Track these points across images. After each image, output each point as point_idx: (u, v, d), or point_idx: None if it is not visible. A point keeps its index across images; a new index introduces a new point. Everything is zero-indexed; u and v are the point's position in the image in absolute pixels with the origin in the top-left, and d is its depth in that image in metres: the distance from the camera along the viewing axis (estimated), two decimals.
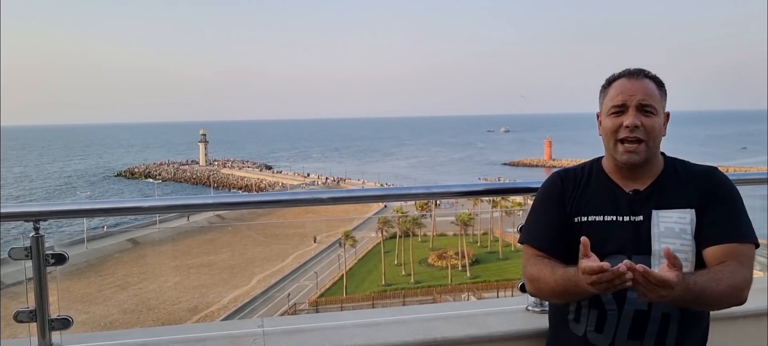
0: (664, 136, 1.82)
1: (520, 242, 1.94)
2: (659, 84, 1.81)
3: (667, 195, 1.77)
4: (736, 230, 1.73)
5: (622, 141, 1.75)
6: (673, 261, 1.45)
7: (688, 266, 1.68)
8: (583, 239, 1.53)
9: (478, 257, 45.69)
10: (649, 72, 1.82)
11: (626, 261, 1.45)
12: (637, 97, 1.74)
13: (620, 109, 1.76)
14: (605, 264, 1.46)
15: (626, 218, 1.76)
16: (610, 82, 1.84)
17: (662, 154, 1.88)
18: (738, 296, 1.65)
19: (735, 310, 2.42)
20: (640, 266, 1.43)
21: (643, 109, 1.74)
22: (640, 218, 1.75)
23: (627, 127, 1.73)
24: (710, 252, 1.71)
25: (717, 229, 1.72)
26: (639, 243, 1.73)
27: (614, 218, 1.77)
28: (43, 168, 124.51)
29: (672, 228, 1.72)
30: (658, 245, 1.71)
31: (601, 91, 1.89)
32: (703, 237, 1.73)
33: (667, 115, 1.84)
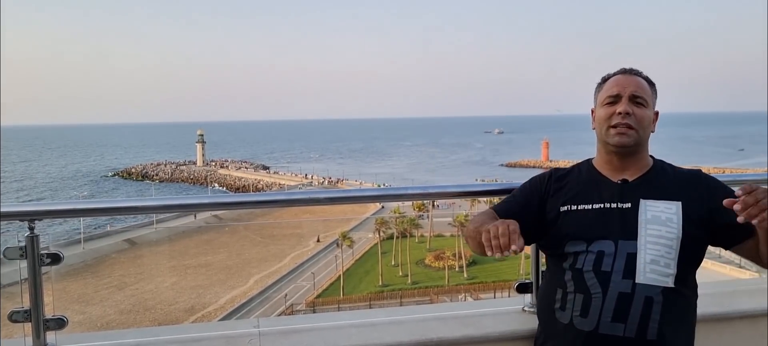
0: (652, 132, 1.94)
1: None
2: (651, 83, 1.96)
3: (654, 188, 1.86)
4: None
5: (615, 126, 1.87)
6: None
7: (672, 254, 1.75)
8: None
9: (475, 258, 45.69)
10: (641, 72, 1.97)
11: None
12: (630, 89, 1.89)
13: (614, 99, 1.90)
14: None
15: (614, 205, 1.84)
16: (605, 79, 2.00)
17: (651, 156, 1.97)
18: None
19: (731, 311, 2.44)
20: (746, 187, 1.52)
21: (635, 99, 1.88)
22: (628, 205, 1.83)
23: (619, 113, 1.86)
24: (751, 242, 1.76)
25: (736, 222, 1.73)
26: (626, 229, 1.80)
27: (602, 205, 1.85)
28: (44, 168, 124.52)
29: (658, 216, 1.79)
30: (644, 231, 1.78)
31: (596, 88, 2.02)
32: (736, 233, 1.77)
33: (657, 114, 1.96)
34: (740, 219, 1.53)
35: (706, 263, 1.90)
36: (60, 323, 2.08)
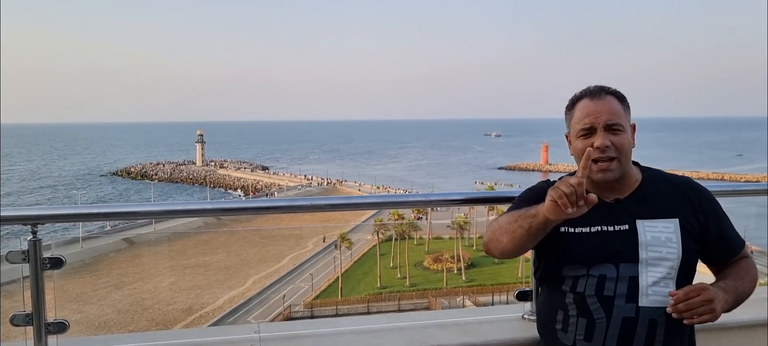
0: (633, 146, 1.87)
1: None
2: (621, 99, 1.86)
3: (649, 204, 1.83)
4: (738, 239, 1.90)
5: (596, 161, 1.79)
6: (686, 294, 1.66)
7: (672, 273, 1.75)
8: (589, 150, 1.69)
9: (474, 260, 45.67)
10: (609, 88, 1.87)
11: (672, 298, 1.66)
12: (603, 118, 1.79)
13: (588, 132, 1.81)
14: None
15: (612, 228, 1.80)
16: (573, 102, 1.90)
17: (637, 164, 1.93)
18: (755, 285, 1.88)
19: (731, 320, 2.43)
20: (679, 293, 1.64)
21: (611, 128, 1.79)
22: (626, 226, 1.79)
23: (598, 148, 1.77)
24: (729, 264, 1.92)
25: (728, 243, 1.88)
26: (626, 252, 1.77)
27: (600, 228, 1.80)
28: (47, 166, 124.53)
29: (658, 237, 1.77)
30: (644, 253, 1.76)
31: (566, 113, 1.93)
32: (718, 253, 1.89)
33: (634, 126, 1.89)
34: (674, 316, 1.66)
35: (704, 269, 1.93)
36: (61, 327, 2.08)
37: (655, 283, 1.74)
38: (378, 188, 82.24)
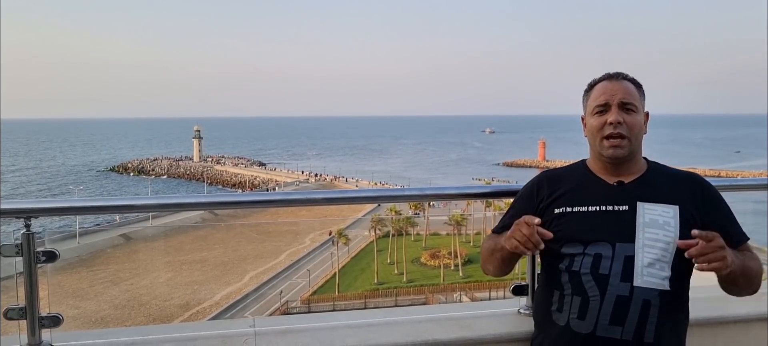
0: (644, 134, 1.93)
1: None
2: (638, 85, 1.93)
3: (651, 190, 1.86)
4: (740, 233, 1.89)
5: (608, 137, 1.85)
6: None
7: (668, 257, 1.76)
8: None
9: (471, 256, 45.68)
10: (627, 75, 1.94)
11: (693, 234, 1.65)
12: (618, 96, 1.86)
13: (603, 108, 1.88)
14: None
15: (611, 208, 1.83)
16: (591, 85, 1.97)
17: (645, 159, 1.97)
18: (761, 278, 1.85)
19: (726, 315, 2.44)
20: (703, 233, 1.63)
21: (625, 106, 1.86)
22: (625, 207, 1.82)
23: (611, 123, 1.84)
24: None
25: (728, 235, 1.82)
26: (623, 232, 1.79)
27: (599, 207, 1.84)
28: (46, 162, 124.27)
29: (656, 220, 1.79)
30: (641, 234, 1.77)
31: (584, 95, 2.00)
32: None
33: (647, 114, 1.95)
34: (696, 267, 1.65)
35: (701, 275, 1.92)
36: (55, 321, 2.07)
37: (650, 264, 1.75)
38: (375, 184, 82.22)
